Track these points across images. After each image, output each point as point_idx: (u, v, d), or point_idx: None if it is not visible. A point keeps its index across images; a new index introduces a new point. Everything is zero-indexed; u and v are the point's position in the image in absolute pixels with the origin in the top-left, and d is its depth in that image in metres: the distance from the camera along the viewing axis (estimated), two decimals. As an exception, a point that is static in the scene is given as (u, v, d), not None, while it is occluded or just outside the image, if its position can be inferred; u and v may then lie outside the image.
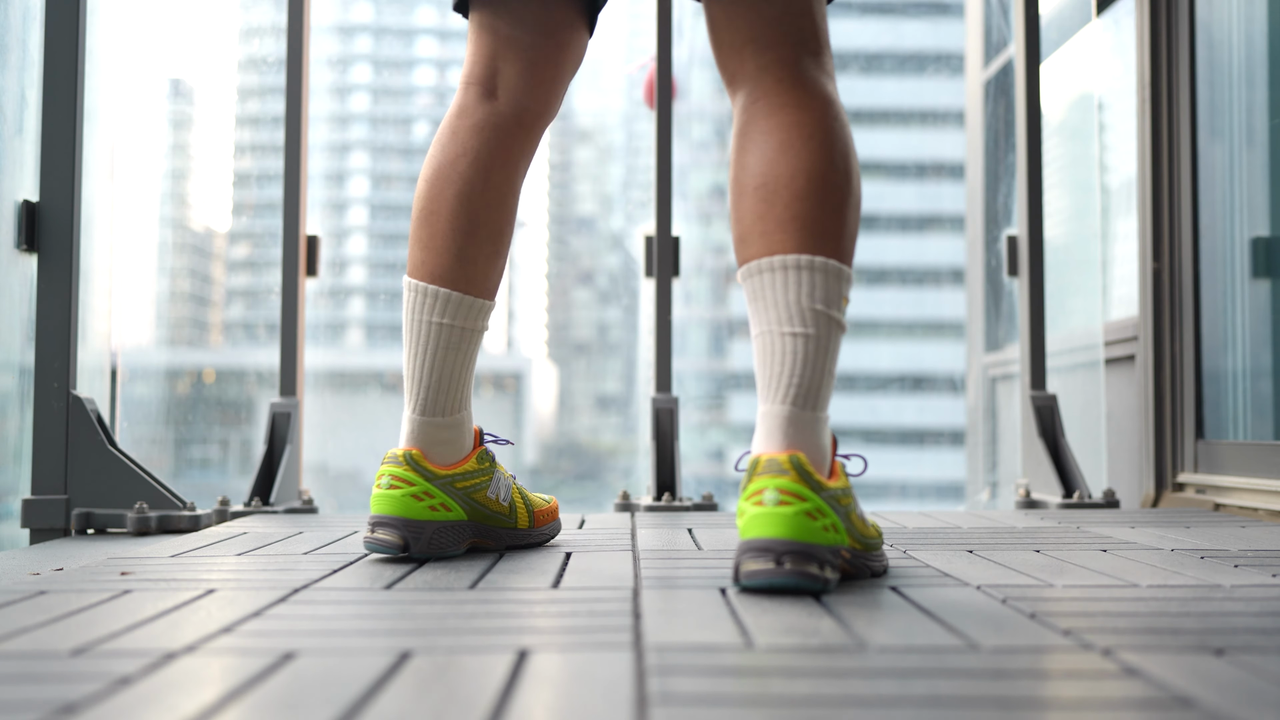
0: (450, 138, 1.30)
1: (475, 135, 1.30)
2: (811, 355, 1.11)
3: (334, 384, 4.17)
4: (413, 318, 1.31)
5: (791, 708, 0.66)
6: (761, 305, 1.14)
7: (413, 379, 1.31)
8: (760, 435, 1.12)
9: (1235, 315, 2.33)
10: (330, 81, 50.76)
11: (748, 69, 1.20)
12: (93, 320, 2.03)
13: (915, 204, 40.17)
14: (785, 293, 1.12)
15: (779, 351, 1.12)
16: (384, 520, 1.28)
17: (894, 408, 38.48)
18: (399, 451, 1.29)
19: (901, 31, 39.37)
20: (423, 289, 1.30)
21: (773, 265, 1.12)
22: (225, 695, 0.69)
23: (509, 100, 1.31)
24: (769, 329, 1.13)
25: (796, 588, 1.03)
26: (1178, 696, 0.69)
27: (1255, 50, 2.31)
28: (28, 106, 1.96)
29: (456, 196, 1.29)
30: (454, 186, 1.29)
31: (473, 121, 1.30)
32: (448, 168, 1.29)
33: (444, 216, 1.29)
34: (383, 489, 1.28)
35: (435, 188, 1.29)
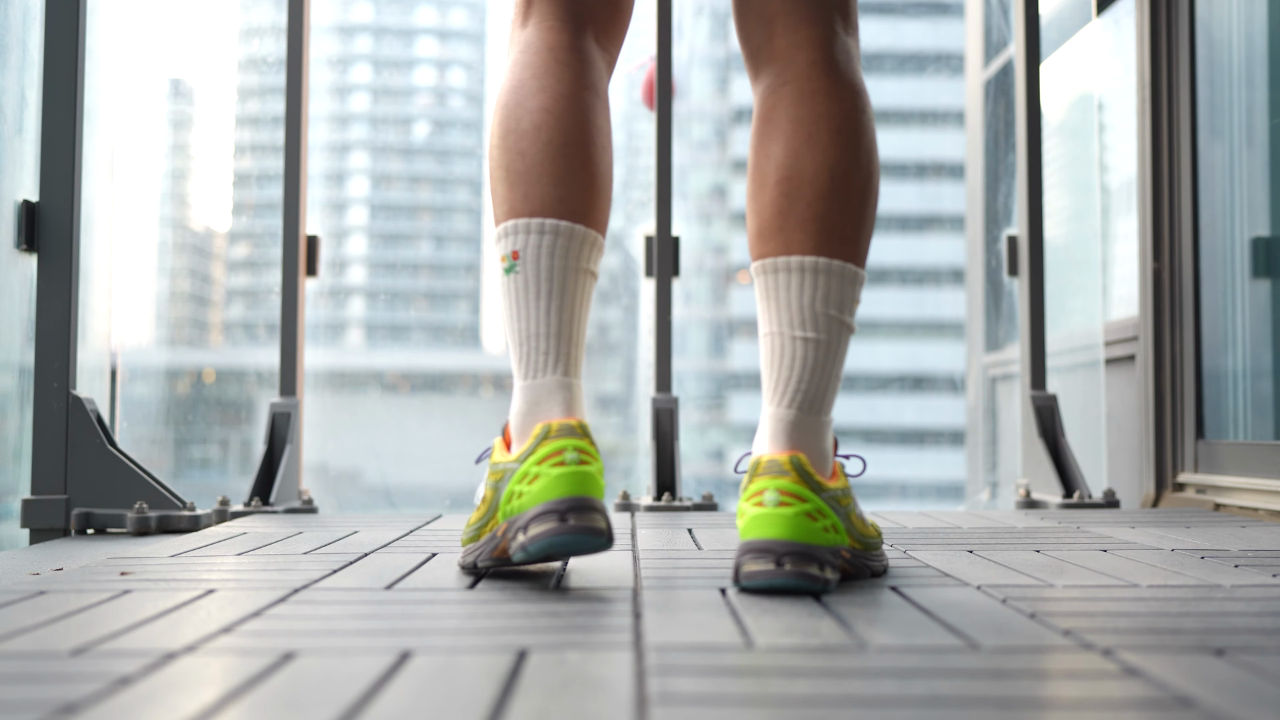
0: (563, 68, 1.14)
1: (590, 68, 1.16)
2: (820, 360, 1.10)
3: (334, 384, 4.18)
4: (565, 263, 1.10)
5: (792, 708, 0.66)
6: (774, 304, 1.12)
7: (564, 337, 1.10)
8: (763, 436, 1.11)
9: (1235, 315, 2.33)
10: (330, 81, 50.71)
11: (777, 45, 1.16)
12: (93, 320, 2.03)
13: (915, 204, 40.17)
14: (800, 295, 1.10)
15: (788, 355, 1.11)
16: (584, 502, 1.01)
17: (894, 408, 38.47)
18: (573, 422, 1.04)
19: (901, 31, 39.34)
20: (580, 232, 1.10)
21: (789, 265, 1.11)
22: (225, 695, 0.69)
23: (604, 34, 1.20)
24: (779, 330, 1.12)
25: (796, 589, 1.03)
26: (1178, 697, 0.69)
27: (1255, 50, 2.31)
28: (28, 106, 1.96)
29: (594, 129, 1.13)
30: (588, 119, 1.13)
31: (583, 54, 1.16)
32: (576, 98, 1.13)
33: (584, 148, 1.12)
34: (572, 465, 1.01)
35: (568, 118, 1.11)
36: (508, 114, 1.14)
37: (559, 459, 1.02)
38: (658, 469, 2.28)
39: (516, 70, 1.17)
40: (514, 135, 1.13)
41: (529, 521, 1.02)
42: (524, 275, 1.10)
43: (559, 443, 1.03)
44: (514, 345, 1.11)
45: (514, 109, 1.14)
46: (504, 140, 1.14)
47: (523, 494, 1.04)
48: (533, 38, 1.17)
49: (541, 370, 1.09)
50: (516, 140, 1.13)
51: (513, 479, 1.05)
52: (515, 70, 1.17)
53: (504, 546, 1.10)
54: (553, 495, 1.02)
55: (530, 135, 1.12)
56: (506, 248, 1.12)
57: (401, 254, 53.84)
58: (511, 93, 1.16)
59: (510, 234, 1.12)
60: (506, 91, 1.16)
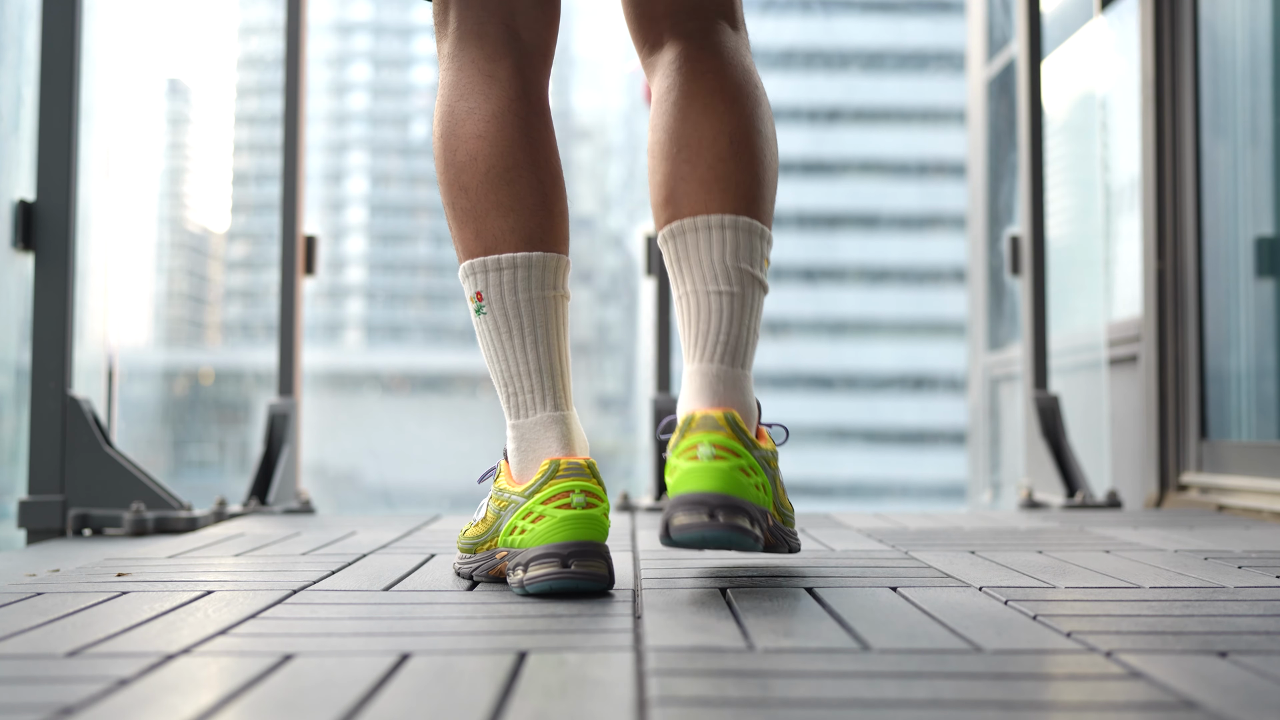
0: (490, 83, 1.10)
1: (519, 77, 1.12)
2: (738, 312, 1.10)
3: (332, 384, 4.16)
4: (529, 295, 1.08)
5: (793, 710, 0.65)
6: (686, 266, 1.12)
7: (546, 371, 1.08)
8: (690, 393, 1.09)
9: (1239, 315, 2.32)
10: (328, 80, 50.81)
11: (666, 39, 1.17)
12: (89, 320, 2.02)
13: (917, 203, 40.17)
14: (710, 252, 1.10)
15: (705, 309, 1.10)
16: (588, 548, 1.00)
17: (895, 408, 38.47)
18: (581, 462, 1.03)
19: (903, 29, 39.35)
20: (538, 260, 1.08)
21: (696, 225, 1.10)
22: (223, 697, 0.69)
23: (532, 37, 1.15)
24: (694, 288, 1.11)
25: (728, 542, 1.00)
26: (1182, 699, 0.68)
27: (1259, 48, 2.31)
28: (24, 105, 1.96)
29: (532, 145, 1.10)
30: (524, 135, 1.10)
31: (512, 64, 1.12)
32: (508, 114, 1.09)
33: (527, 169, 1.09)
34: (578, 508, 1.00)
35: (504, 142, 1.08)
36: (444, 145, 1.11)
37: (565, 501, 1.02)
38: (658, 469, 2.27)
39: (444, 92, 1.13)
40: (453, 169, 1.11)
41: (530, 561, 1.02)
42: (493, 315, 1.09)
43: (566, 483, 1.03)
44: (499, 385, 1.11)
45: (448, 139, 1.11)
46: (444, 175, 1.11)
47: (525, 531, 1.04)
48: (455, 49, 1.13)
49: (530, 409, 1.09)
50: (456, 175, 1.10)
51: (516, 513, 1.05)
52: (443, 92, 1.13)
53: (501, 570, 1.10)
54: (556, 539, 1.01)
55: (468, 167, 1.10)
56: (470, 289, 1.11)
57: (400, 253, 53.76)
58: (443, 120, 1.12)
59: (469, 275, 1.10)
60: (438, 119, 1.13)
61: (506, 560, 1.07)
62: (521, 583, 1.03)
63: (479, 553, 1.14)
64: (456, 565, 1.19)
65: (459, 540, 1.19)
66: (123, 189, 2.49)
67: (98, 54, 2.08)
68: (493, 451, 1.29)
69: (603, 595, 1.04)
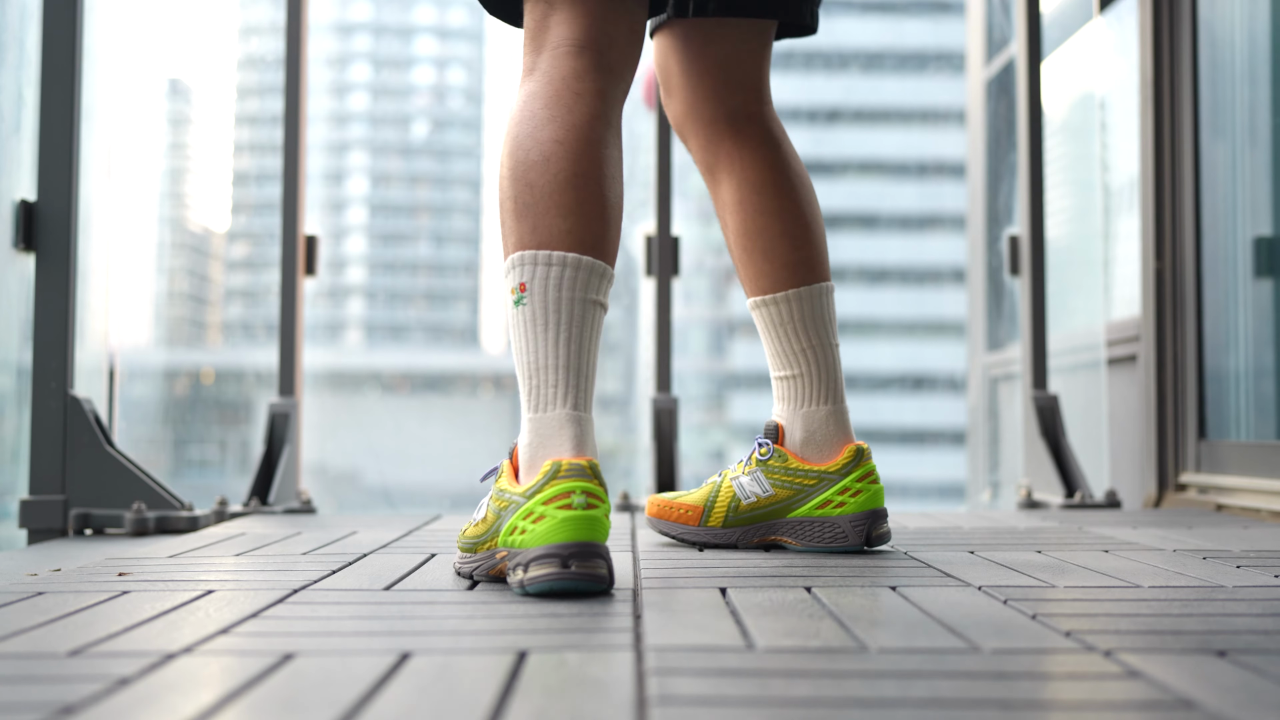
0: (576, 99, 1.16)
1: (602, 99, 1.18)
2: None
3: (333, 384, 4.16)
4: (572, 295, 1.11)
5: (792, 709, 0.65)
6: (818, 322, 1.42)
7: (573, 370, 1.11)
8: (847, 426, 1.41)
9: (1237, 315, 2.32)
10: (329, 80, 50.81)
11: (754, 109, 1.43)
12: (90, 320, 2.02)
13: (916, 203, 40.16)
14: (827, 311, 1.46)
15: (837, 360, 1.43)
16: (588, 549, 1.03)
17: (895, 408, 38.45)
18: (583, 462, 1.05)
19: (902, 30, 39.34)
20: (586, 264, 1.12)
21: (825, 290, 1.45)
22: (224, 696, 0.69)
23: (620, 67, 1.23)
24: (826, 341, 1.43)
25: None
26: (1180, 698, 0.68)
27: (1258, 48, 2.31)
28: (25, 105, 1.96)
29: (603, 162, 1.15)
30: (598, 151, 1.15)
31: (599, 87, 1.18)
32: (587, 129, 1.15)
33: (594, 181, 1.14)
34: (579, 509, 1.03)
35: (578, 150, 1.14)
36: (518, 145, 1.15)
37: (565, 502, 1.03)
38: (658, 469, 2.28)
39: (529, 99, 1.18)
40: (523, 167, 1.14)
41: (530, 561, 1.03)
42: (531, 307, 1.11)
43: (567, 484, 1.03)
44: (522, 378, 1.13)
45: (524, 140, 1.15)
46: (513, 171, 1.15)
47: (525, 531, 1.04)
48: (548, 65, 1.18)
49: (550, 404, 1.10)
50: (525, 172, 1.14)
51: (517, 513, 1.06)
52: (527, 99, 1.18)
53: (501, 570, 1.11)
54: (556, 539, 1.02)
55: (539, 167, 1.13)
56: (514, 280, 1.13)
57: (400, 253, 53.66)
58: (523, 123, 1.16)
59: (518, 266, 1.13)
60: (517, 121, 1.17)
61: (507, 560, 1.08)
62: (522, 583, 1.04)
63: (479, 552, 1.15)
64: (457, 565, 1.20)
65: (459, 540, 1.19)
66: (124, 189, 2.49)
67: (99, 54, 2.08)
68: (493, 451, 1.30)
69: (603, 595, 1.04)
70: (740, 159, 1.41)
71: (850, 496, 1.36)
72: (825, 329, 1.40)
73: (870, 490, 1.37)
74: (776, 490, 1.38)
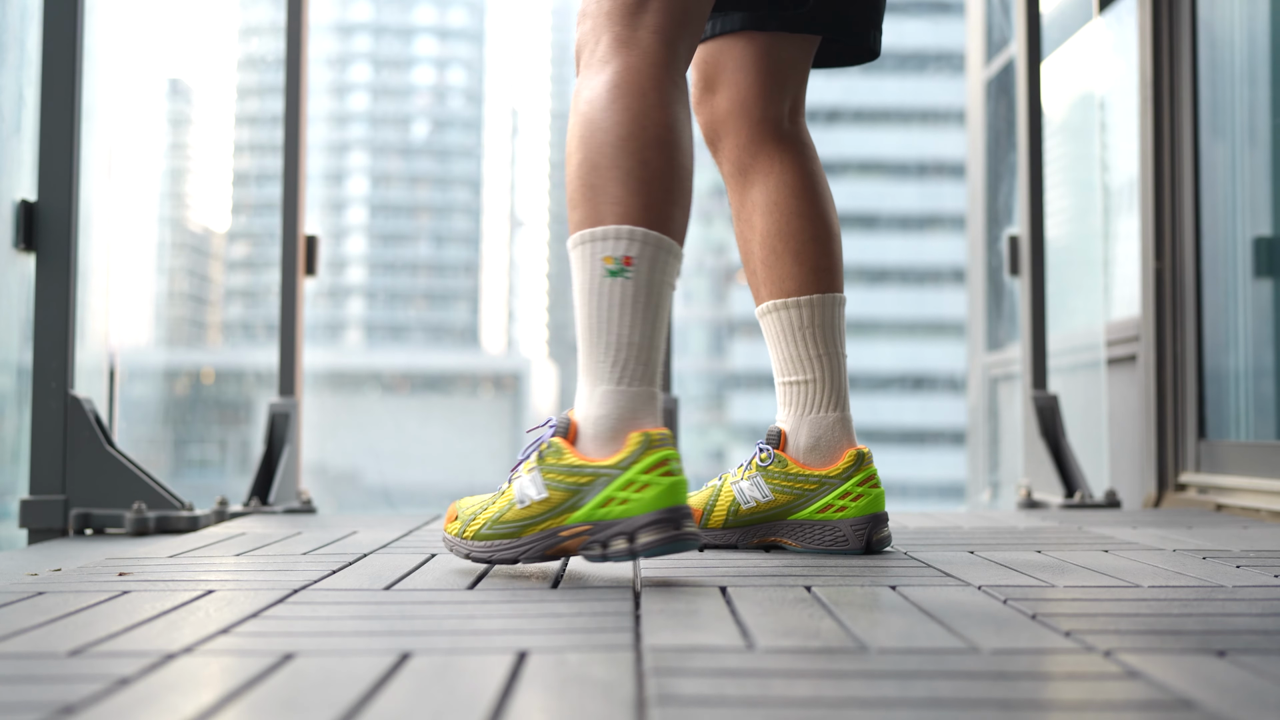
0: (679, 92, 1.20)
1: (686, 94, 1.23)
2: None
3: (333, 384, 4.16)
4: (664, 279, 1.16)
5: (792, 709, 0.65)
6: (836, 331, 1.45)
7: (658, 349, 1.16)
8: (852, 432, 1.41)
9: (1237, 315, 2.33)
10: (329, 80, 50.85)
11: (790, 118, 1.48)
12: (91, 320, 2.02)
13: (916, 203, 40.18)
14: (841, 321, 1.48)
15: (844, 368, 1.47)
16: (687, 510, 1.11)
17: (895, 408, 38.48)
18: (667, 433, 1.12)
19: (902, 30, 39.36)
20: (678, 252, 1.17)
21: (840, 300, 1.46)
22: (224, 696, 0.69)
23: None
24: (839, 350, 1.45)
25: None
26: (1180, 698, 0.68)
27: (1257, 48, 2.31)
28: (25, 105, 1.96)
29: (692, 159, 1.21)
30: (691, 147, 1.21)
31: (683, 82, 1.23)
32: (686, 125, 1.20)
33: (691, 174, 1.20)
34: (678, 475, 1.10)
35: (688, 149, 1.19)
36: (631, 116, 1.16)
37: (667, 469, 1.09)
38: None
39: (635, 75, 1.18)
40: (638, 141, 1.15)
41: (640, 528, 1.08)
42: (635, 284, 1.13)
43: (663, 452, 1.09)
44: (603, 346, 1.13)
45: (638, 115, 1.16)
46: (626, 143, 1.15)
47: (628, 500, 1.09)
48: (650, 46, 1.19)
49: (638, 379, 1.13)
50: (640, 148, 1.15)
51: (612, 485, 1.09)
52: (634, 75, 1.18)
53: (566, 547, 1.12)
54: (666, 503, 1.09)
55: (655, 148, 1.16)
56: (619, 250, 1.14)
57: (400, 253, 53.50)
58: (635, 96, 1.17)
59: (628, 239, 1.14)
60: (629, 93, 1.17)
61: (589, 534, 1.09)
62: (631, 550, 1.08)
63: (528, 535, 1.13)
64: (473, 552, 1.18)
65: (473, 528, 1.17)
66: (124, 189, 2.49)
67: (99, 54, 2.08)
68: (493, 451, 1.30)
69: (614, 591, 1.05)
70: (780, 161, 1.45)
71: (851, 501, 1.37)
72: (838, 338, 1.43)
73: (871, 495, 1.38)
74: (776, 495, 1.40)
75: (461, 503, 1.23)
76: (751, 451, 1.44)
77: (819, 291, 1.42)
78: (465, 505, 1.22)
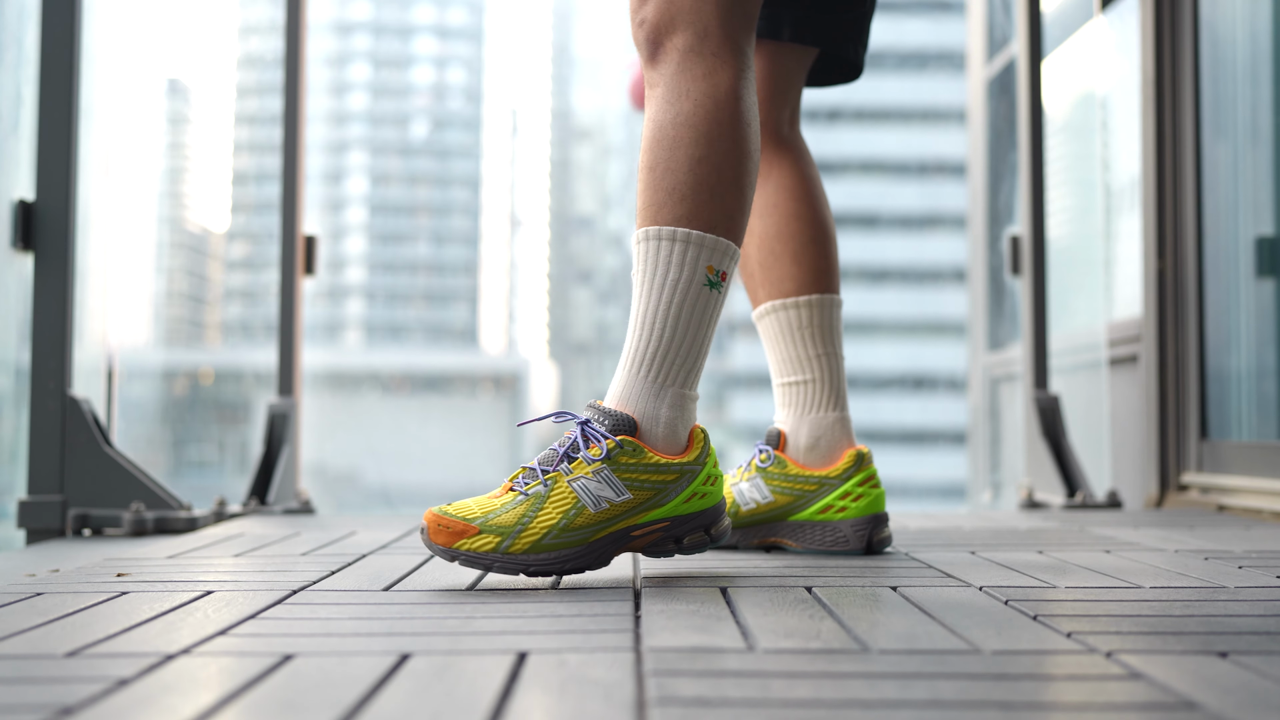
0: (755, 111, 1.20)
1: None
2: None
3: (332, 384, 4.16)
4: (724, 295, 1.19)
5: (792, 710, 0.65)
6: (836, 332, 1.46)
7: (702, 354, 1.17)
8: (850, 433, 1.43)
9: (1239, 315, 2.32)
10: (328, 79, 50.81)
11: (794, 121, 1.50)
12: (89, 320, 2.02)
13: (917, 203, 40.17)
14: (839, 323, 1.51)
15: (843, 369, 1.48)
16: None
17: (895, 408, 38.48)
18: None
19: (903, 29, 39.34)
20: (739, 256, 1.19)
21: (838, 301, 1.47)
22: (223, 697, 0.69)
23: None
24: (837, 350, 1.45)
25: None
26: (1182, 699, 0.68)
27: (1260, 47, 2.31)
28: (23, 105, 1.96)
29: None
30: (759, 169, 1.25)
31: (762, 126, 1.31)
32: (759, 152, 1.21)
33: (754, 192, 1.24)
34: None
35: (757, 164, 1.20)
36: (746, 134, 1.17)
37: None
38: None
39: (743, 90, 1.17)
40: (749, 161, 1.17)
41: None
42: (719, 300, 1.17)
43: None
44: (684, 351, 1.14)
45: (747, 133, 1.17)
46: (743, 163, 1.16)
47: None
48: (753, 63, 1.20)
49: (696, 385, 1.17)
50: (742, 160, 1.17)
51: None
52: (742, 89, 1.17)
53: (636, 545, 1.12)
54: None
55: (750, 168, 1.18)
56: (722, 265, 1.15)
57: (400, 253, 53.44)
58: (746, 109, 1.17)
59: (730, 258, 1.16)
60: (745, 106, 1.17)
61: (665, 530, 1.12)
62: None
63: (600, 538, 1.10)
64: (537, 566, 1.09)
65: (528, 540, 1.09)
66: (122, 189, 2.48)
67: (97, 54, 2.08)
68: (492, 451, 1.30)
69: (614, 592, 1.04)
70: (780, 165, 1.46)
71: (852, 501, 1.38)
72: (836, 338, 1.44)
73: (871, 495, 1.38)
74: (776, 497, 1.40)
75: (462, 511, 1.11)
76: (751, 452, 1.43)
77: (818, 292, 1.42)
78: (475, 512, 1.10)
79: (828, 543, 1.38)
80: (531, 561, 1.09)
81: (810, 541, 1.39)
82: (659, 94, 1.18)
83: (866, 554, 1.37)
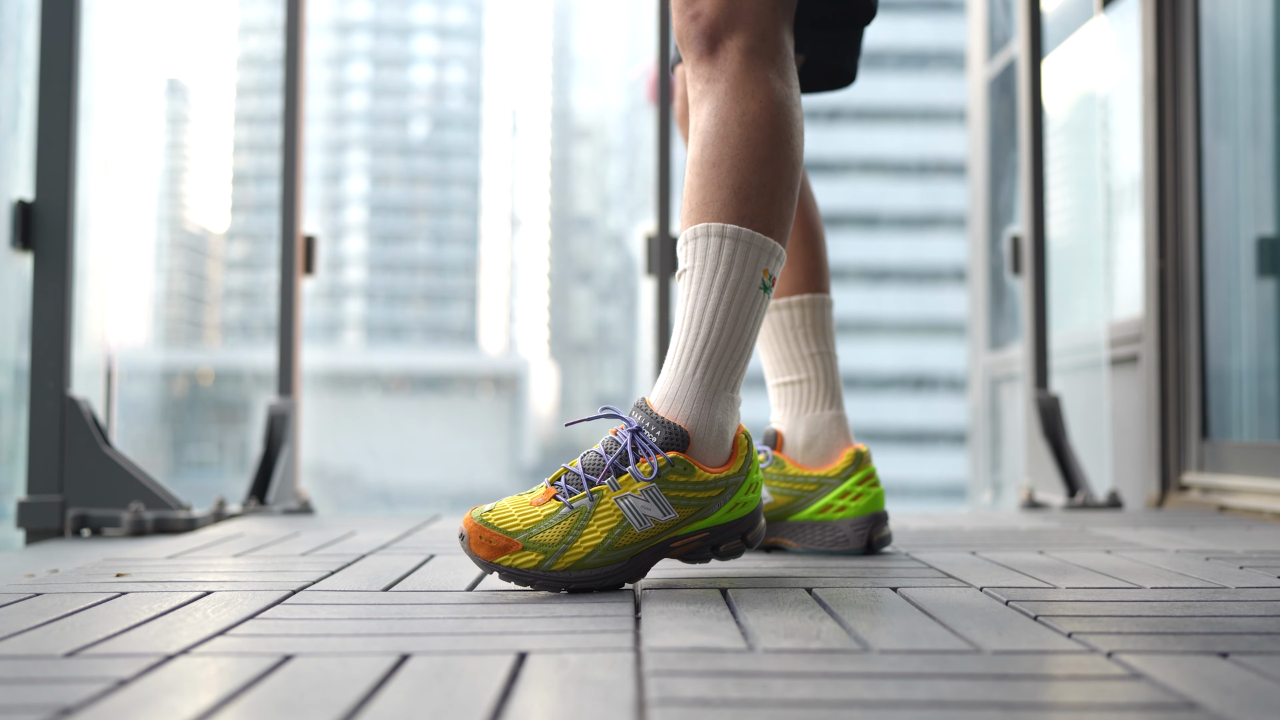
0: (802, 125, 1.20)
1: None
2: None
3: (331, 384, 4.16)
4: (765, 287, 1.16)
5: (793, 710, 0.65)
6: (828, 330, 1.47)
7: (747, 358, 1.15)
8: (848, 431, 1.43)
9: (1240, 315, 2.32)
10: (328, 79, 50.80)
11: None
12: (88, 320, 2.02)
13: (917, 203, 40.17)
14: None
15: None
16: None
17: (896, 408, 38.48)
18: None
19: (904, 28, 39.34)
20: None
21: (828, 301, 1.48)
22: (223, 698, 0.69)
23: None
24: (830, 349, 1.45)
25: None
26: (1183, 700, 0.68)
27: (1261, 47, 2.31)
28: (23, 104, 1.96)
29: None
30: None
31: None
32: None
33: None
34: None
35: (800, 174, 1.18)
36: (800, 143, 1.16)
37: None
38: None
39: (798, 97, 1.18)
40: (799, 169, 1.16)
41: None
42: (767, 304, 1.15)
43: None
44: (736, 353, 1.12)
45: (800, 143, 1.16)
46: (796, 170, 1.16)
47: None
48: (787, 67, 1.18)
49: (740, 388, 1.15)
50: (799, 175, 1.16)
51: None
52: (798, 96, 1.18)
53: (673, 553, 1.10)
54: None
55: (799, 177, 1.17)
56: (775, 270, 1.14)
57: (399, 253, 53.48)
58: (800, 117, 1.17)
59: (780, 262, 1.15)
60: (799, 115, 1.17)
61: (704, 539, 1.10)
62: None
63: (641, 553, 1.08)
64: (577, 583, 1.07)
65: (572, 559, 1.06)
66: (122, 189, 2.48)
67: (97, 53, 2.08)
68: (492, 452, 1.29)
69: (614, 592, 1.04)
70: None
71: (851, 500, 1.38)
72: (830, 337, 1.45)
73: (871, 494, 1.38)
74: (775, 497, 1.40)
75: (503, 522, 1.07)
76: None
77: (809, 292, 1.43)
78: (517, 522, 1.07)
79: (828, 542, 1.37)
80: (573, 579, 1.07)
81: (810, 541, 1.38)
82: (721, 90, 1.14)
83: (867, 553, 1.37)
